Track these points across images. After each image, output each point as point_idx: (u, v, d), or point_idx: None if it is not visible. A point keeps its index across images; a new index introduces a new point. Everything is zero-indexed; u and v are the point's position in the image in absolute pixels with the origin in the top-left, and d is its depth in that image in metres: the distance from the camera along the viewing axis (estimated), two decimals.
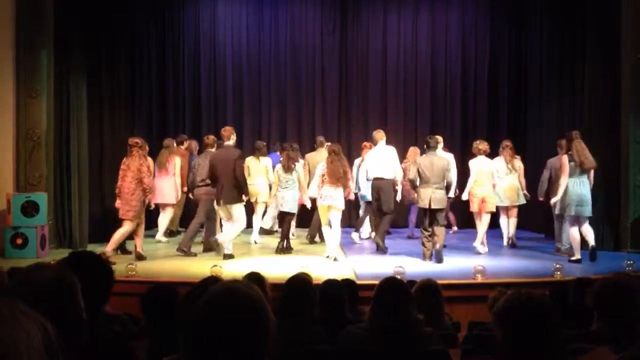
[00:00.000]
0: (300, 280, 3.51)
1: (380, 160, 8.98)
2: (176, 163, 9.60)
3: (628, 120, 8.86)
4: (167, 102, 11.94)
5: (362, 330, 3.08)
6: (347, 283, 4.55)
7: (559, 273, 6.80)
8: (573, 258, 7.79)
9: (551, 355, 2.17)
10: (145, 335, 3.11)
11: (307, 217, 10.05)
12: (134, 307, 3.91)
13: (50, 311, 1.25)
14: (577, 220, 7.80)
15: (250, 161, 9.60)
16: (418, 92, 12.24)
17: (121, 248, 8.49)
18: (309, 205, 9.14)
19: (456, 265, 7.76)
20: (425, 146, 8.45)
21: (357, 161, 10.15)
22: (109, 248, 7.90)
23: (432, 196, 7.93)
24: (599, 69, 9.11)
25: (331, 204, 8.28)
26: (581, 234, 7.82)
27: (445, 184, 8.15)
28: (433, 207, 7.95)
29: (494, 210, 9.10)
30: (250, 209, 9.54)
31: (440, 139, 9.32)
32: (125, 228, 8.03)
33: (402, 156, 10.17)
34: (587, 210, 7.75)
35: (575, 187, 7.72)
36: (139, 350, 2.67)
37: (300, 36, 12.18)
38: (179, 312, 2.75)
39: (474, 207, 9.08)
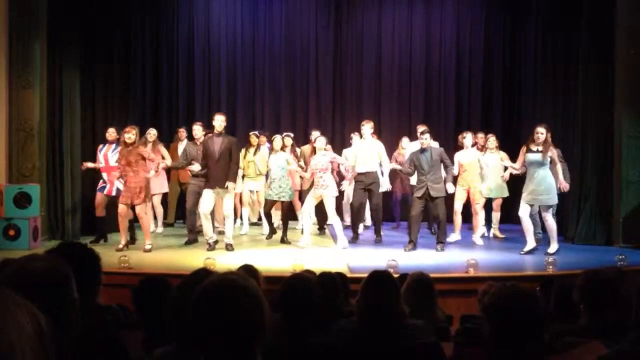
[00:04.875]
0: (302, 279, 3.45)
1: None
2: None
3: (621, 115, 8.88)
4: (161, 95, 11.89)
5: (354, 324, 3.08)
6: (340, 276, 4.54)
7: (551, 267, 6.83)
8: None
9: (539, 348, 2.18)
10: (138, 326, 3.10)
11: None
12: (126, 298, 3.90)
13: (44, 301, 1.25)
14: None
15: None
16: (412, 86, 12.20)
17: (131, 238, 8.62)
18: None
19: (449, 259, 7.79)
20: None
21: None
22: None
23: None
24: (592, 68, 9.13)
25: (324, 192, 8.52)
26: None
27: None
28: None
29: (483, 200, 9.21)
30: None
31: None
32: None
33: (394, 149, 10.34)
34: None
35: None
36: (132, 341, 2.67)
37: (295, 30, 12.13)
38: (172, 304, 2.75)
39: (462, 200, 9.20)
